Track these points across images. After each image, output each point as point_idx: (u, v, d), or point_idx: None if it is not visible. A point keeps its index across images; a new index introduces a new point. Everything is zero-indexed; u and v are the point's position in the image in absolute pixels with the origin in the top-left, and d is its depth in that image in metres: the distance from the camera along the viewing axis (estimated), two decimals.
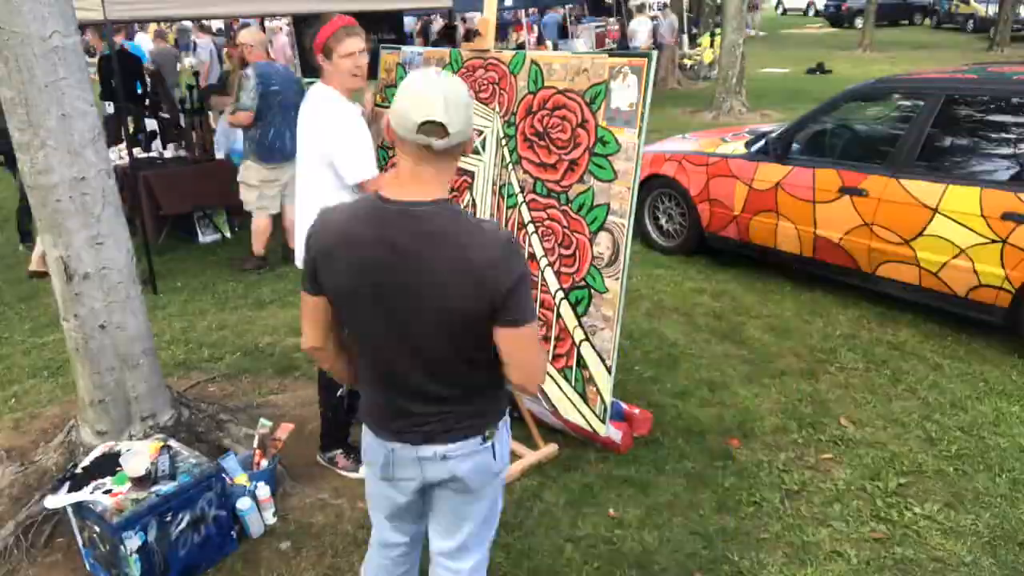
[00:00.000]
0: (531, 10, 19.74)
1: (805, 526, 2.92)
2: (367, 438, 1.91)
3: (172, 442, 2.99)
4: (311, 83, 3.12)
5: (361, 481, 3.24)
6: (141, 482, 2.69)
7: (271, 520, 3.01)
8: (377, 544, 2.10)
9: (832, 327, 4.61)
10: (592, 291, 2.78)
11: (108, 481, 2.72)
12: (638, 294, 5.14)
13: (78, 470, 2.82)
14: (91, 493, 2.67)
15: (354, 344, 1.86)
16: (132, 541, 2.56)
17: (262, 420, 3.17)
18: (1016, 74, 4.45)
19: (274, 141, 5.45)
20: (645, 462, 3.31)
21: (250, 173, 5.57)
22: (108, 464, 2.82)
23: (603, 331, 2.75)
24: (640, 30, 15.30)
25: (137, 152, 6.70)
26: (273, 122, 5.40)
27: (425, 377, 1.74)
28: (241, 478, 2.98)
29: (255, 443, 3.14)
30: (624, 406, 3.46)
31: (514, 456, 3.36)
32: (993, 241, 4.04)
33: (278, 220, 5.80)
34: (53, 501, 2.74)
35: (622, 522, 2.96)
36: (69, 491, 2.71)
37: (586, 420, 2.81)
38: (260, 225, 5.75)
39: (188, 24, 15.35)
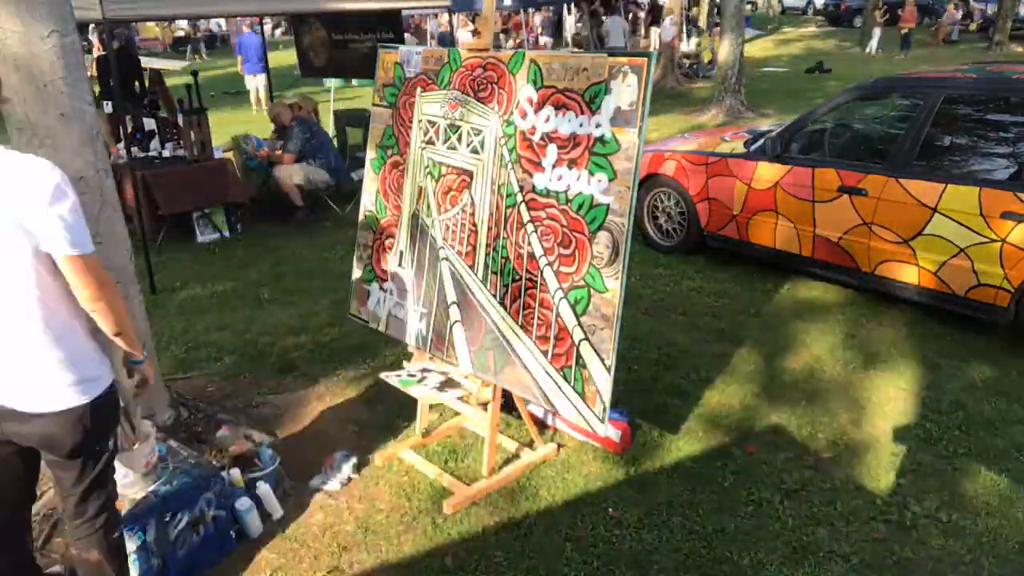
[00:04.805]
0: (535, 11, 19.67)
1: (804, 526, 2.92)
2: None
3: (171, 442, 2.98)
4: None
5: (361, 481, 3.24)
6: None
7: (279, 513, 3.02)
8: None
9: (831, 326, 4.61)
10: (591, 290, 2.78)
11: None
12: (637, 294, 5.14)
13: None
14: None
15: None
16: (131, 541, 2.56)
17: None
18: (1015, 73, 4.45)
19: None
20: (644, 462, 3.31)
21: None
22: None
23: (602, 331, 2.75)
24: (614, 29, 14.87)
25: (135, 151, 6.69)
26: None
27: None
28: (239, 479, 2.98)
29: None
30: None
31: (513, 456, 3.37)
32: (992, 240, 4.04)
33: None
34: None
35: (621, 522, 2.96)
36: None
37: (585, 420, 2.81)
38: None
39: None
